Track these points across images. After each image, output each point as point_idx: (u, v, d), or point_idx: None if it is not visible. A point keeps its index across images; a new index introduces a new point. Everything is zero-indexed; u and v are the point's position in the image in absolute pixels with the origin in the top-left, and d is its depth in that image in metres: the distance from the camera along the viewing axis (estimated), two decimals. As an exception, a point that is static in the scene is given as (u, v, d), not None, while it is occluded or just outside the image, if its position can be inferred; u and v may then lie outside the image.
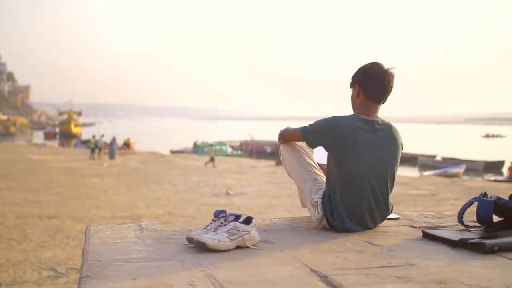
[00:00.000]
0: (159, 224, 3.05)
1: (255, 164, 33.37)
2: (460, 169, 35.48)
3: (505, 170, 30.69)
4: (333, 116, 2.97)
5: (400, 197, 16.44)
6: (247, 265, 2.25)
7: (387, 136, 3.00)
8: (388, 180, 2.99)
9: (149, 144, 53.24)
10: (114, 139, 33.94)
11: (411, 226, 3.13)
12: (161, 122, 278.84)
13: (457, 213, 3.01)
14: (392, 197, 3.05)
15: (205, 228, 2.59)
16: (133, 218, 12.01)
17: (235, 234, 2.50)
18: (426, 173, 34.12)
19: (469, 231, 2.84)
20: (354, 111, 3.07)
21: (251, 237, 2.56)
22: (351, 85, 3.08)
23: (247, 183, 21.77)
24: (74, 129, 78.31)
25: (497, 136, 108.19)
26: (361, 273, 2.13)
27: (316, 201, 3.00)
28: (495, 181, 29.38)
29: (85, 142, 55.26)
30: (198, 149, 49.49)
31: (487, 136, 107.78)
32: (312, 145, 3.06)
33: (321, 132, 2.96)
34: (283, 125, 3.39)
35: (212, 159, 29.59)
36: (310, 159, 3.22)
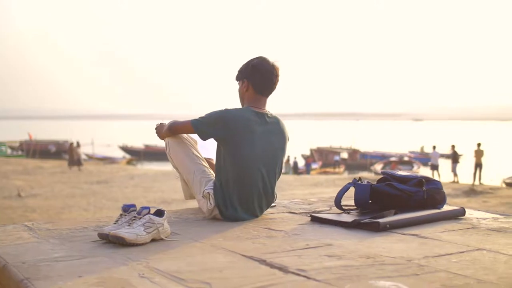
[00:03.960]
0: (45, 224, 2.85)
1: (42, 164, 31.54)
2: None
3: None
4: (226, 109, 3.04)
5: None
6: (178, 256, 2.23)
7: (276, 128, 3.15)
8: (276, 170, 3.15)
9: None
10: None
11: (291, 212, 3.33)
12: None
13: (333, 197, 3.28)
14: None
15: (115, 223, 2.51)
16: None
17: (151, 227, 2.46)
18: None
19: (348, 213, 3.11)
20: (243, 104, 3.17)
21: (164, 229, 2.53)
22: (238, 79, 3.17)
23: (37, 184, 20.62)
24: None
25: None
26: (292, 255, 2.24)
27: (208, 192, 3.04)
28: (284, 173, 31.46)
29: None
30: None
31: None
32: (205, 137, 3.06)
33: (215, 123, 3.01)
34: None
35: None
36: (197, 151, 3.24)
